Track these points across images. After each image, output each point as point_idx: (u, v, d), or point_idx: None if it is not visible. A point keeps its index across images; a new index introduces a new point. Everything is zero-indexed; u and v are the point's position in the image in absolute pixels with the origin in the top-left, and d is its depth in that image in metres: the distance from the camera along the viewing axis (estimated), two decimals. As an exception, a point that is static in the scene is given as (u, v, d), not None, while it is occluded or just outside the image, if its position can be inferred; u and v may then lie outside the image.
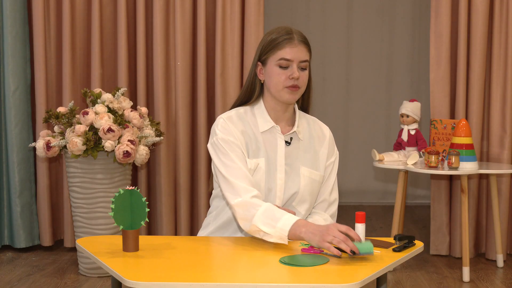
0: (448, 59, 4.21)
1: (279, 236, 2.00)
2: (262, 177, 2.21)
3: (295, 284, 1.68)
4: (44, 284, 3.69)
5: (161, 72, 4.27)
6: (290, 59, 2.19)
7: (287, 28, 2.24)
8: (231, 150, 2.18)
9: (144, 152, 3.73)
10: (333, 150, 2.37)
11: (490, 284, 3.76)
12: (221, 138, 2.20)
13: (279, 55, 2.20)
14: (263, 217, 2.03)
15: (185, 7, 4.27)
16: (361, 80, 6.32)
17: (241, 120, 2.26)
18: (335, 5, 6.28)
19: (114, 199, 1.94)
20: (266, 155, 2.24)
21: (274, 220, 2.02)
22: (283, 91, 2.21)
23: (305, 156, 2.30)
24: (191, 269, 1.83)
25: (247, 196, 2.09)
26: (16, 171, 4.27)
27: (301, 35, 2.24)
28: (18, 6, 4.25)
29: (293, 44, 2.20)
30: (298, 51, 2.20)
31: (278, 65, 2.20)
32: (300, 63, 2.21)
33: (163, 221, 4.32)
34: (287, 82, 2.20)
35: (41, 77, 4.24)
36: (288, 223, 2.00)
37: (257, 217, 2.04)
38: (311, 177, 2.28)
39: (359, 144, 6.23)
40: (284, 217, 2.02)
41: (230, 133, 2.20)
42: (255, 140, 2.25)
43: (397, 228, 4.04)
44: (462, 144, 3.81)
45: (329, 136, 2.37)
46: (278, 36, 2.22)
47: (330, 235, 1.90)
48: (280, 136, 2.27)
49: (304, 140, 2.32)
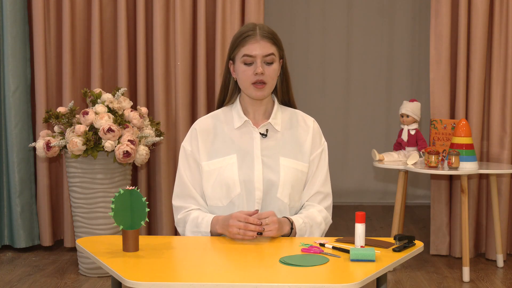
0: (448, 59, 4.21)
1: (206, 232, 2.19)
2: (234, 171, 2.24)
3: (295, 284, 1.68)
4: (44, 284, 3.69)
5: (161, 72, 4.27)
6: (252, 55, 2.21)
7: (251, 24, 2.27)
8: (187, 161, 2.30)
9: (144, 152, 3.73)
10: (319, 140, 2.35)
11: (490, 284, 3.76)
12: (182, 145, 2.33)
13: (243, 51, 2.22)
14: (190, 228, 2.24)
15: (185, 7, 4.27)
16: (361, 80, 6.32)
17: (213, 123, 2.33)
18: (335, 5, 6.28)
19: (114, 199, 1.94)
20: (239, 150, 2.26)
21: (197, 227, 2.21)
22: (250, 88, 2.24)
23: (285, 147, 2.29)
24: (191, 269, 1.83)
25: (177, 215, 2.31)
26: (16, 171, 4.27)
27: (265, 30, 2.24)
28: (18, 6, 4.25)
29: (255, 40, 2.21)
30: (260, 46, 2.21)
31: (243, 62, 2.23)
32: (264, 57, 2.21)
33: (163, 221, 4.32)
34: (252, 78, 2.22)
35: (41, 77, 4.24)
36: (206, 225, 2.19)
37: (187, 230, 2.25)
38: (293, 167, 2.28)
39: (359, 144, 6.23)
40: (204, 220, 2.20)
41: (190, 142, 2.31)
42: (227, 139, 2.29)
43: (397, 228, 4.04)
44: (462, 144, 3.81)
45: (314, 126, 2.36)
46: (241, 33, 2.25)
47: (234, 227, 2.06)
48: (254, 128, 2.29)
49: (284, 131, 2.32)
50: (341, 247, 1.97)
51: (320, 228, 2.27)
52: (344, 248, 1.96)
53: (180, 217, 2.30)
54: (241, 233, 2.05)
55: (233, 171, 2.24)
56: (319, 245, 2.01)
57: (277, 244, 2.04)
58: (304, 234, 2.20)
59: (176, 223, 2.33)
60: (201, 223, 2.20)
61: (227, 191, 2.24)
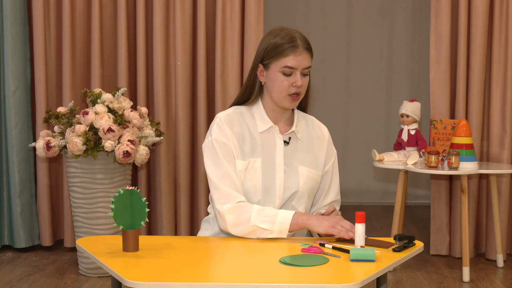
0: (448, 59, 4.21)
1: (279, 230, 2.10)
2: (258, 176, 2.23)
3: (295, 284, 1.68)
4: (44, 284, 3.69)
5: (161, 72, 4.27)
6: (294, 67, 2.19)
7: (291, 33, 2.22)
8: (223, 152, 2.20)
9: (144, 152, 3.73)
10: (332, 150, 2.40)
11: (490, 284, 3.76)
12: (215, 139, 2.22)
13: (283, 62, 2.19)
14: (260, 216, 2.11)
15: (185, 7, 4.27)
16: (361, 80, 6.32)
17: (238, 120, 2.27)
18: (335, 5, 6.28)
19: (114, 199, 1.94)
20: (263, 155, 2.25)
21: (271, 217, 2.10)
22: (286, 99, 2.22)
23: (303, 156, 2.31)
24: (191, 269, 1.83)
25: (234, 202, 2.15)
26: (16, 171, 4.27)
27: (305, 41, 2.22)
28: (18, 6, 4.25)
29: (298, 52, 2.19)
30: (303, 59, 2.19)
31: (281, 72, 2.20)
32: (303, 70, 2.21)
33: (163, 221, 4.32)
34: (290, 90, 2.20)
35: (41, 77, 4.24)
36: (287, 216, 2.10)
37: (254, 217, 2.10)
38: (310, 176, 2.30)
39: (359, 144, 6.23)
40: (280, 212, 2.12)
41: (224, 134, 2.22)
42: (252, 140, 2.26)
43: (397, 228, 4.04)
44: (462, 144, 3.81)
45: (328, 136, 2.40)
46: (282, 42, 2.19)
47: (338, 224, 2.05)
48: (279, 136, 2.28)
49: (303, 140, 2.33)
50: (341, 247, 1.97)
51: None
52: (344, 248, 1.96)
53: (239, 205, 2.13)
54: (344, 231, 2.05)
55: (258, 176, 2.23)
56: (319, 245, 2.01)
57: (277, 244, 2.05)
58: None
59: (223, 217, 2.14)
60: (276, 214, 2.11)
61: (248, 196, 2.22)
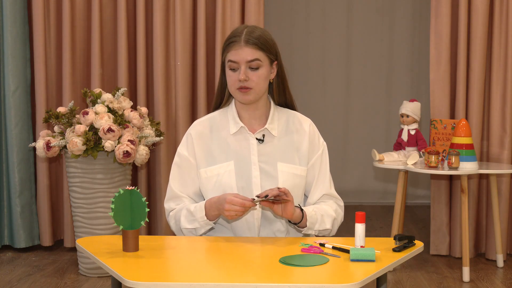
0: (448, 59, 4.21)
1: (205, 223, 2.19)
2: (232, 178, 2.22)
3: (295, 284, 1.68)
4: (44, 284, 3.69)
5: (161, 72, 4.27)
6: (236, 61, 2.19)
7: (238, 29, 2.24)
8: (179, 170, 2.29)
9: (144, 152, 3.73)
10: (317, 142, 2.33)
11: (490, 284, 3.76)
12: (178, 152, 2.31)
13: (228, 57, 2.22)
14: (185, 218, 2.22)
15: (185, 7, 4.27)
16: (361, 80, 6.32)
17: (210, 127, 2.30)
18: (335, 5, 6.28)
19: (114, 199, 1.94)
20: (236, 157, 2.24)
21: (192, 215, 2.20)
22: (236, 93, 2.23)
23: (282, 152, 2.27)
24: (191, 269, 1.83)
25: (168, 212, 2.30)
26: (16, 171, 4.27)
27: (251, 35, 2.19)
28: (18, 6, 4.25)
29: (238, 46, 2.19)
30: (243, 52, 2.18)
31: (229, 67, 2.23)
32: (248, 63, 2.19)
33: (163, 221, 4.32)
34: (237, 84, 2.21)
35: (41, 77, 4.25)
36: (201, 210, 2.18)
37: (182, 221, 2.22)
38: (291, 172, 2.25)
39: (359, 144, 6.23)
40: (196, 207, 2.20)
41: (187, 148, 2.29)
42: (224, 145, 2.27)
43: (397, 228, 4.04)
44: (462, 144, 3.81)
45: (310, 129, 2.33)
46: (227, 38, 2.24)
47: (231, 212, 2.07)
48: (250, 134, 2.27)
49: (280, 136, 2.29)
50: (341, 247, 1.97)
51: (331, 217, 2.24)
52: (344, 248, 1.96)
53: (172, 214, 2.29)
54: (239, 215, 2.09)
55: (231, 178, 2.22)
56: (319, 245, 2.01)
57: (277, 244, 2.04)
58: (315, 222, 2.20)
59: (169, 221, 2.31)
60: (195, 211, 2.19)
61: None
